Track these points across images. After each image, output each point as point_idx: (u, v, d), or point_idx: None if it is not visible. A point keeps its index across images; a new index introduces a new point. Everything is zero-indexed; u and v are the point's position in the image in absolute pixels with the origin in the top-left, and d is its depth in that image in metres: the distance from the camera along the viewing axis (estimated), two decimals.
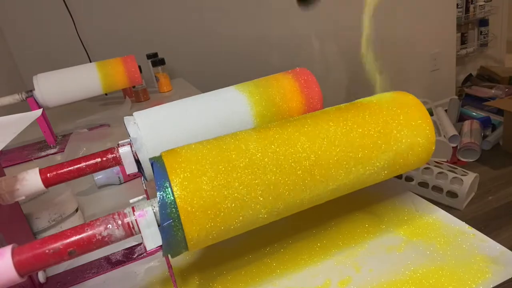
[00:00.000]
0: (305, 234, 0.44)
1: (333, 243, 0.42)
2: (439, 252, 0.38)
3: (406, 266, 0.37)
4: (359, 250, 0.40)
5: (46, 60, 1.40)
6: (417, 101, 0.39)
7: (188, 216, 0.29)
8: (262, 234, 0.45)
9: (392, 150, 0.36)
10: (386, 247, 0.40)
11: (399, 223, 0.43)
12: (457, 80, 2.47)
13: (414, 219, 0.43)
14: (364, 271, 0.37)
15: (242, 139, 0.34)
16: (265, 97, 0.45)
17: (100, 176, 0.66)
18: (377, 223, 0.44)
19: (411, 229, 0.42)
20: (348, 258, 0.39)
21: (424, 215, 0.44)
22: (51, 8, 1.37)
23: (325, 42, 1.93)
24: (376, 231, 0.42)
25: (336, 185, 0.35)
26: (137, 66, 0.94)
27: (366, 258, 0.39)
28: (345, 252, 0.40)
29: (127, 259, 0.45)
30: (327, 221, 0.45)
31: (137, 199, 0.33)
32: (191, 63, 1.65)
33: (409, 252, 0.39)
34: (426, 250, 0.39)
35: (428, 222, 0.43)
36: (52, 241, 0.27)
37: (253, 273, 0.40)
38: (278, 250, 0.42)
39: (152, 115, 0.42)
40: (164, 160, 0.32)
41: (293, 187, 0.33)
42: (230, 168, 0.31)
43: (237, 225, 0.32)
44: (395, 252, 0.39)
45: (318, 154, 0.34)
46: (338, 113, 0.37)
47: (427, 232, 0.41)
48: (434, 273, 0.36)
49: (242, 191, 0.31)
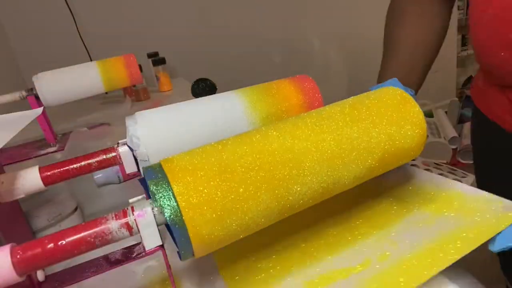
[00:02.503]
0: (336, 221, 0.45)
1: (366, 226, 0.43)
2: (466, 218, 0.40)
3: (438, 234, 0.39)
4: (392, 230, 0.42)
5: (46, 59, 1.40)
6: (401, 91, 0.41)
7: (192, 221, 0.29)
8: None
9: (384, 140, 0.37)
10: (416, 222, 0.42)
11: (425, 202, 0.45)
12: (457, 82, 2.47)
13: (436, 195, 0.46)
14: (401, 245, 0.39)
15: (242, 141, 0.34)
16: (264, 104, 0.44)
17: (100, 175, 0.65)
18: (404, 205, 0.45)
19: (437, 205, 0.44)
20: (383, 237, 0.41)
21: (445, 190, 0.46)
22: (52, 7, 1.37)
23: (326, 43, 1.93)
24: (404, 212, 0.44)
25: (342, 174, 0.36)
26: (138, 65, 0.94)
27: (400, 235, 0.41)
28: (379, 233, 0.42)
29: (126, 258, 0.45)
30: (357, 208, 0.47)
31: (137, 198, 0.33)
32: (192, 62, 1.65)
33: (438, 224, 0.40)
34: (452, 219, 0.41)
35: (450, 196, 0.45)
36: (51, 240, 0.27)
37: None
38: (312, 238, 0.43)
39: (153, 116, 0.42)
40: (163, 166, 0.31)
41: (294, 185, 0.33)
42: (230, 171, 0.31)
43: (243, 228, 0.32)
44: (425, 226, 0.41)
45: (312, 150, 0.34)
46: (331, 109, 0.39)
47: (450, 205, 0.43)
48: (463, 232, 0.38)
49: (245, 194, 0.31)
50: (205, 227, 0.30)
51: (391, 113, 0.39)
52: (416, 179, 0.50)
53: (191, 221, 0.29)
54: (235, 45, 1.72)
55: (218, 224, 0.30)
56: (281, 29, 1.80)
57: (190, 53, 1.65)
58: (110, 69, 0.90)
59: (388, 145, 0.38)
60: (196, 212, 0.29)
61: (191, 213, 0.29)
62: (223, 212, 0.30)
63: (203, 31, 1.64)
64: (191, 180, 0.30)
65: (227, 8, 1.66)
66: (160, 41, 1.55)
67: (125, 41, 1.51)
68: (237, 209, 0.31)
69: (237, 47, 1.73)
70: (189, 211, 0.29)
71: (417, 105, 0.40)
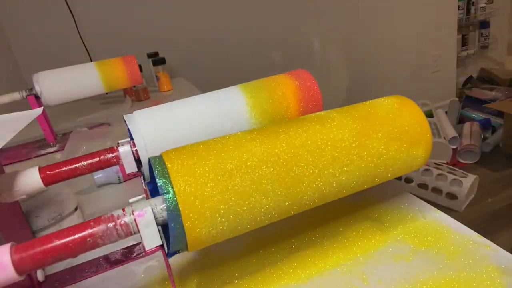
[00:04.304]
0: (309, 242, 0.42)
1: (338, 252, 0.40)
2: (449, 262, 0.37)
3: (416, 277, 0.35)
4: (366, 260, 0.39)
5: (46, 59, 1.40)
6: (406, 99, 0.40)
7: (188, 213, 0.29)
8: (263, 237, 0.44)
9: (387, 146, 0.36)
10: (393, 256, 0.39)
11: (406, 230, 0.42)
12: (457, 82, 2.47)
13: (421, 227, 0.42)
14: (372, 282, 0.36)
15: (242, 139, 0.34)
16: (264, 98, 0.45)
17: (100, 175, 0.66)
18: (383, 231, 0.42)
19: (419, 237, 0.40)
20: (355, 267, 0.38)
21: (432, 222, 0.42)
22: (52, 7, 1.37)
23: (326, 43, 1.93)
24: (382, 240, 0.41)
25: (333, 179, 0.34)
26: (138, 67, 0.94)
27: (374, 268, 0.37)
28: (351, 261, 0.39)
29: (126, 258, 0.45)
30: (331, 228, 0.44)
31: (137, 198, 0.32)
32: (192, 62, 1.66)
33: (418, 262, 0.37)
34: (435, 260, 0.37)
35: (436, 230, 0.41)
36: (51, 239, 0.27)
37: (252, 277, 0.39)
38: (280, 259, 0.41)
39: (153, 114, 0.42)
40: (164, 158, 0.32)
41: (293, 186, 0.33)
42: (230, 167, 0.31)
43: (238, 225, 0.32)
44: (403, 262, 0.38)
45: (312, 153, 0.34)
46: (335, 114, 0.37)
47: (436, 240, 0.40)
48: (445, 285, 0.34)
49: (243, 191, 0.31)
50: (201, 220, 0.30)
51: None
52: (400, 203, 0.46)
53: (185, 208, 0.29)
54: (235, 45, 1.72)
55: (213, 216, 0.30)
56: (281, 29, 1.80)
57: (190, 53, 1.65)
58: (110, 70, 0.90)
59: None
60: (192, 203, 0.29)
61: (187, 201, 0.29)
62: (218, 204, 0.30)
63: (203, 31, 1.65)
64: (189, 171, 0.30)
65: (227, 8, 1.66)
66: (160, 41, 1.55)
67: (125, 41, 1.51)
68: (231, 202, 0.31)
69: (237, 47, 1.73)
70: (185, 201, 0.29)
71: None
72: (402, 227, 0.42)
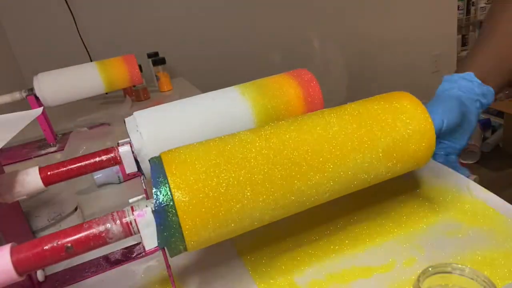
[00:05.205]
0: (364, 216, 0.45)
1: (393, 226, 0.42)
2: (501, 239, 0.38)
3: (471, 248, 0.37)
4: (420, 234, 0.40)
5: (46, 59, 1.40)
6: (408, 94, 0.41)
7: (185, 212, 0.29)
8: (310, 216, 0.45)
9: (389, 136, 0.36)
10: (446, 232, 0.40)
11: (456, 209, 0.43)
12: None
13: (471, 206, 0.43)
14: (427, 252, 0.38)
15: (242, 138, 0.34)
16: (265, 98, 0.45)
17: (100, 175, 0.66)
18: (434, 210, 0.44)
19: (469, 215, 0.42)
20: (410, 240, 0.40)
21: (481, 202, 0.44)
22: (52, 7, 1.37)
23: (326, 41, 1.93)
24: (434, 218, 0.43)
25: (343, 177, 0.35)
26: (138, 66, 0.94)
27: (428, 241, 0.39)
28: (406, 235, 0.40)
29: (126, 258, 0.45)
30: (384, 207, 0.46)
31: (137, 198, 0.33)
32: (192, 62, 1.65)
33: (471, 238, 0.39)
34: (487, 237, 0.38)
35: (485, 208, 0.43)
36: (51, 239, 0.27)
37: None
38: (339, 229, 0.43)
39: (152, 115, 0.42)
40: (163, 158, 0.32)
41: (293, 183, 0.33)
42: (229, 166, 0.31)
43: (237, 226, 0.32)
44: (456, 237, 0.39)
45: (316, 150, 0.34)
46: (336, 111, 0.38)
47: (485, 219, 0.41)
48: (502, 256, 0.36)
49: (242, 190, 0.31)
50: (199, 216, 0.30)
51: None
52: (449, 183, 0.48)
53: (181, 206, 0.29)
54: (235, 45, 1.72)
55: (211, 213, 0.30)
56: (281, 29, 1.80)
57: (190, 53, 1.65)
58: (110, 69, 0.90)
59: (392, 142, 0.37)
60: (190, 200, 0.29)
61: (184, 198, 0.29)
62: (215, 201, 0.30)
63: (203, 31, 1.65)
64: (188, 171, 0.30)
65: (227, 8, 1.66)
66: (160, 41, 1.55)
67: (125, 41, 1.51)
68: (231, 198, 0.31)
69: (237, 47, 1.73)
70: (182, 200, 0.29)
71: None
72: (452, 205, 0.44)
